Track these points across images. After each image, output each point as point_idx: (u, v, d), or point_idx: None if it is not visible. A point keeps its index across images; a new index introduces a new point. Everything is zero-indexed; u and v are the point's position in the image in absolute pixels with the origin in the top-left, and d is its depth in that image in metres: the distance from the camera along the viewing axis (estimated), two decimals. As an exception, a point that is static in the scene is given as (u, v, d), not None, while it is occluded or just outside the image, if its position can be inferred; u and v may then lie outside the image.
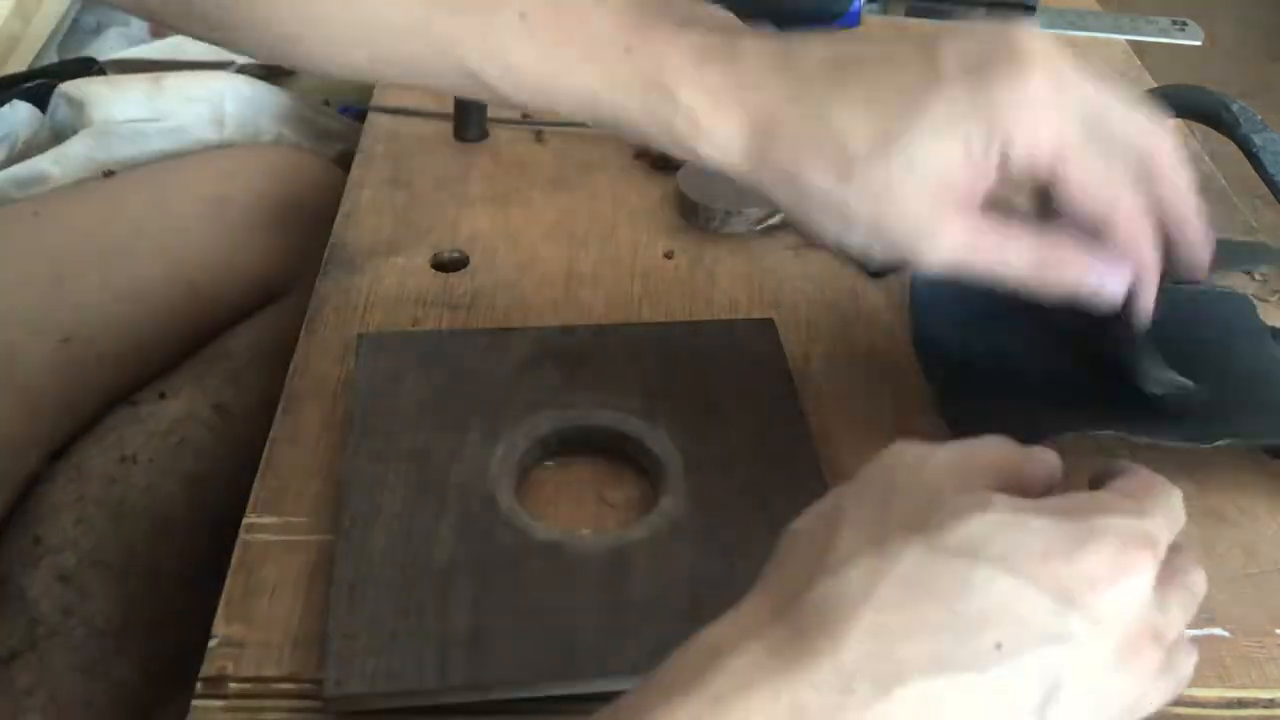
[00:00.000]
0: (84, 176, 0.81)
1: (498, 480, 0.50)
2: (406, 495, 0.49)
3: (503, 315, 0.61)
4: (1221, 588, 0.49)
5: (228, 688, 0.43)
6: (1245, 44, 2.37)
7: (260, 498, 0.51)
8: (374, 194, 0.70)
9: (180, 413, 0.69)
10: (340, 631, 0.44)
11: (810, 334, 0.61)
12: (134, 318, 0.73)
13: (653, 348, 0.57)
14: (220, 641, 0.45)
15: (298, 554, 0.48)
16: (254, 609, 0.46)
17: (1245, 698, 0.45)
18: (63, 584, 0.60)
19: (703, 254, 0.66)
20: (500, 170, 0.73)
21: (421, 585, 0.45)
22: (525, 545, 0.47)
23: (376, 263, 0.65)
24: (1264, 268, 0.56)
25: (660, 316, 0.62)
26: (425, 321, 0.61)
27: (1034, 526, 0.33)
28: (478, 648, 0.43)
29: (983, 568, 0.32)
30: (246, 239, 0.79)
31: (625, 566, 0.46)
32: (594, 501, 0.51)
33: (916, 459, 0.36)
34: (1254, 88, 2.18)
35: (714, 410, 0.53)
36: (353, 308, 0.61)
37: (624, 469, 0.53)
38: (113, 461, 0.65)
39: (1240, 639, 0.47)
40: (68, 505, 0.63)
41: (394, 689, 0.42)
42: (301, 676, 0.44)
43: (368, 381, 0.54)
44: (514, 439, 0.52)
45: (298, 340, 0.59)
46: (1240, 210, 0.73)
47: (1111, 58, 0.88)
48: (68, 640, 0.59)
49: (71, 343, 0.70)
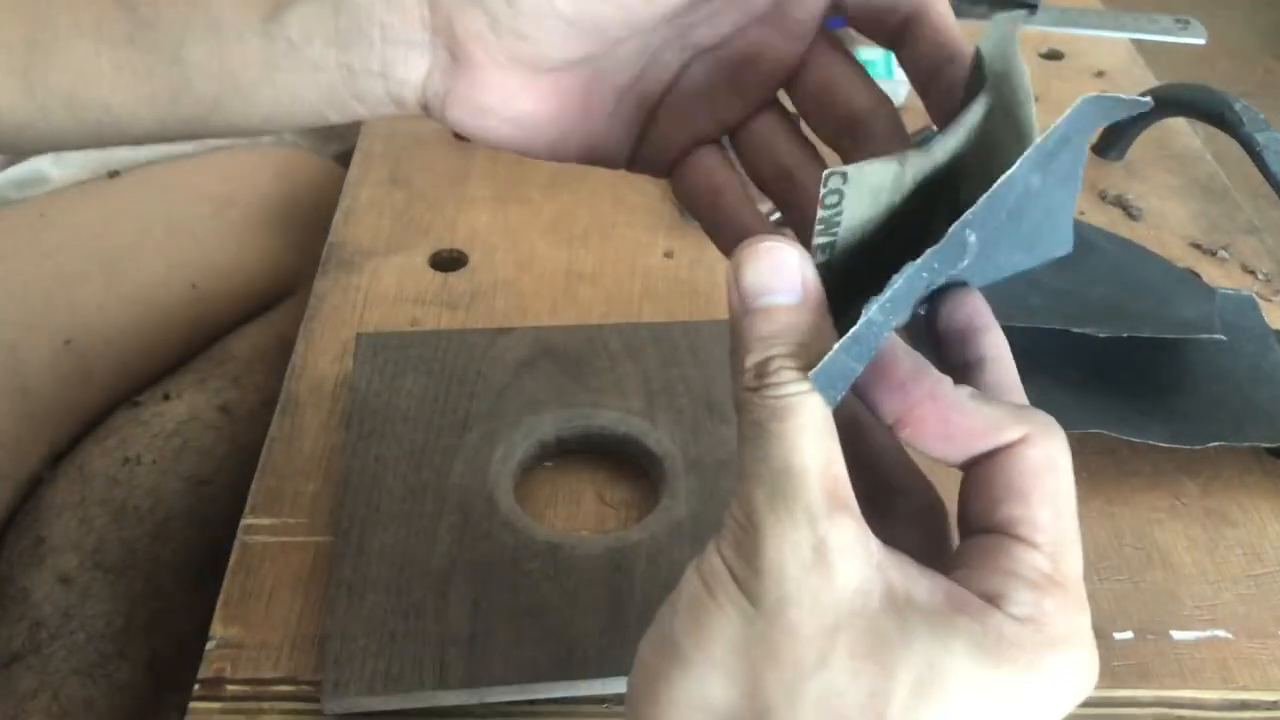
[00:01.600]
0: (83, 177, 0.81)
1: (497, 481, 0.50)
2: (405, 496, 0.49)
3: (502, 314, 0.61)
4: (1224, 589, 0.49)
5: (225, 689, 0.43)
6: (1248, 42, 2.37)
7: (258, 499, 0.51)
8: (373, 193, 0.70)
9: (183, 414, 0.68)
10: (338, 633, 0.43)
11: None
12: (137, 319, 0.73)
13: (653, 348, 0.56)
14: (218, 643, 0.45)
15: (296, 555, 0.48)
16: (252, 610, 0.46)
17: (1249, 699, 0.45)
18: (64, 586, 0.60)
19: (703, 254, 0.66)
20: (499, 169, 0.73)
21: (420, 586, 0.45)
22: (525, 546, 0.47)
23: (375, 262, 0.65)
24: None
25: (660, 316, 0.62)
26: (424, 321, 0.61)
27: (1002, 695, 0.28)
28: (477, 649, 0.43)
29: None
30: (250, 240, 0.79)
31: (625, 567, 0.46)
32: (594, 502, 0.51)
33: (819, 567, 0.28)
34: (1257, 86, 2.18)
35: (714, 410, 0.53)
36: (351, 307, 0.61)
37: (624, 469, 0.52)
38: (115, 463, 0.65)
39: (1243, 641, 0.47)
40: (70, 506, 0.63)
41: (392, 691, 0.42)
42: (299, 678, 0.44)
43: (366, 381, 0.54)
44: (514, 439, 0.51)
45: (298, 341, 0.59)
46: (1243, 208, 0.73)
47: (1114, 57, 0.88)
48: (69, 643, 0.59)
49: (75, 344, 0.70)
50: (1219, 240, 0.70)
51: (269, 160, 0.85)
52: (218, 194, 0.80)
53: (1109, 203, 0.73)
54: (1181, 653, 0.46)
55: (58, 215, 0.76)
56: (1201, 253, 0.69)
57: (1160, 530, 0.51)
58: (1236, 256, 0.69)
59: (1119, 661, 0.46)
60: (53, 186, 0.81)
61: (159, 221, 0.78)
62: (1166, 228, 0.71)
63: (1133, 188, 0.74)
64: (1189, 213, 0.72)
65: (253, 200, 0.80)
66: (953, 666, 0.28)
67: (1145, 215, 0.72)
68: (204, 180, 0.82)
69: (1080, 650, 0.29)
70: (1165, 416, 0.53)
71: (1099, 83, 0.85)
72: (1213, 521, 0.52)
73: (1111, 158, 0.77)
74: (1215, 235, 0.70)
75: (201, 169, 0.83)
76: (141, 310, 0.73)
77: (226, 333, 0.76)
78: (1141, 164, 0.77)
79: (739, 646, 0.28)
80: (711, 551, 0.29)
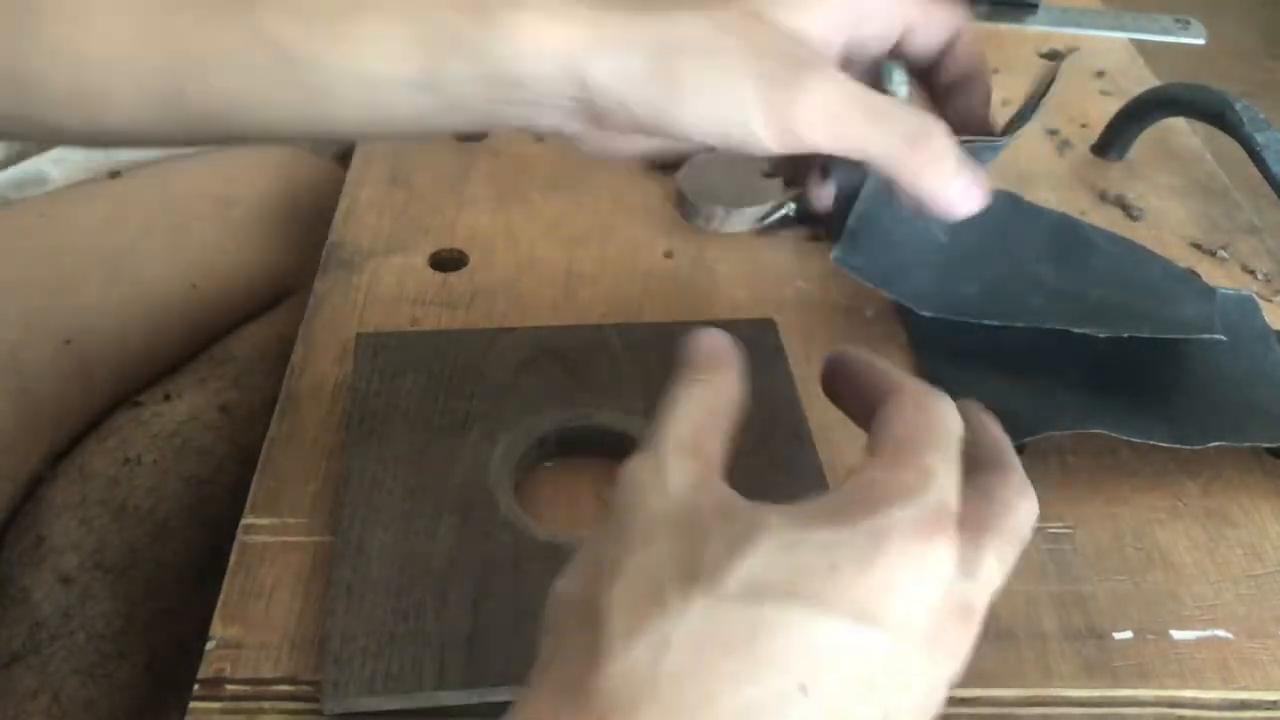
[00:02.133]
0: (83, 178, 0.81)
1: (497, 481, 0.50)
2: (405, 496, 0.49)
3: (502, 315, 0.61)
4: (1225, 589, 0.49)
5: (225, 689, 0.43)
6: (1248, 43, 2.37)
7: (258, 498, 0.51)
8: (373, 193, 0.70)
9: (184, 414, 0.68)
10: (338, 633, 0.43)
11: (810, 334, 0.61)
12: (138, 319, 0.73)
13: (653, 348, 0.56)
14: (218, 643, 0.45)
15: (295, 555, 0.48)
16: (251, 610, 0.46)
17: (1248, 699, 0.45)
18: (64, 586, 0.60)
19: (703, 254, 0.66)
20: (500, 169, 0.73)
21: (420, 586, 0.45)
22: (524, 546, 0.47)
23: (375, 262, 0.65)
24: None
25: (660, 316, 0.62)
26: (424, 321, 0.61)
27: (815, 542, 0.30)
28: (477, 649, 0.43)
29: (769, 606, 0.30)
30: (251, 240, 0.79)
31: (624, 567, 0.46)
32: (594, 502, 0.51)
33: (656, 480, 0.33)
34: (1257, 86, 2.18)
35: (714, 410, 0.53)
36: (351, 307, 0.61)
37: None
38: (116, 463, 0.65)
39: (1243, 640, 0.47)
40: (70, 506, 0.63)
41: (392, 690, 0.42)
42: (299, 678, 0.44)
43: (366, 382, 0.54)
44: (513, 439, 0.51)
45: (298, 341, 0.59)
46: (1243, 208, 0.73)
47: (1114, 57, 0.88)
48: (69, 643, 0.59)
49: (75, 344, 0.70)
50: (1219, 240, 0.70)
51: (269, 160, 0.85)
52: (218, 194, 0.80)
53: (1109, 203, 0.73)
54: (1182, 653, 0.46)
55: (58, 215, 0.76)
56: (1201, 253, 0.69)
57: (1161, 530, 0.51)
58: (1236, 256, 0.69)
59: (1119, 661, 0.46)
60: (53, 186, 0.81)
61: (159, 221, 0.78)
62: (1166, 228, 0.71)
63: (1133, 188, 0.74)
64: (1189, 213, 0.72)
65: (253, 200, 0.80)
66: (763, 527, 0.31)
67: (1145, 215, 0.72)
68: (204, 180, 0.82)
69: (911, 508, 0.31)
70: (1165, 416, 0.53)
71: (1099, 83, 0.85)
72: (1213, 522, 0.52)
73: (1111, 158, 0.77)
74: (1215, 235, 0.70)
75: (201, 169, 0.83)
76: (142, 310, 0.73)
77: (227, 333, 0.76)
78: (1141, 164, 0.77)
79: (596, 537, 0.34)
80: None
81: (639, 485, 0.33)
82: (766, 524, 0.31)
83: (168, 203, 0.79)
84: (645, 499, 0.33)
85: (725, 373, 0.37)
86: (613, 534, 0.33)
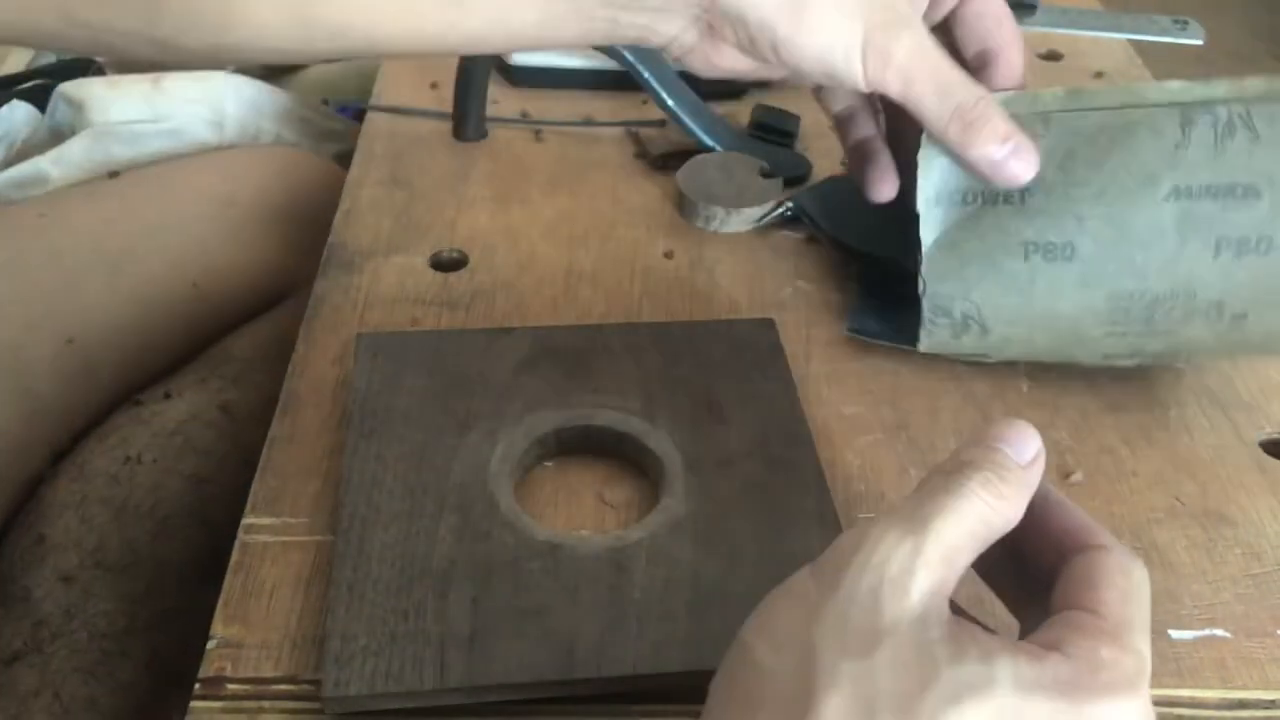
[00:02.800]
0: (83, 178, 0.81)
1: (497, 480, 0.50)
2: (405, 496, 0.49)
3: (502, 315, 0.61)
4: (1223, 588, 0.49)
5: (226, 688, 0.43)
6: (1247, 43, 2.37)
7: (259, 498, 0.51)
8: (373, 193, 0.70)
9: (184, 413, 0.69)
10: (339, 632, 0.44)
11: (810, 334, 0.61)
12: (139, 318, 0.73)
13: (653, 348, 0.57)
14: (218, 642, 0.45)
15: (296, 554, 0.48)
16: (252, 610, 0.46)
17: (1247, 699, 0.45)
18: (66, 585, 0.60)
19: (703, 254, 0.66)
20: (499, 169, 0.73)
21: (420, 586, 0.45)
22: (525, 545, 0.47)
23: (375, 262, 0.65)
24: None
25: (660, 316, 0.62)
26: (424, 321, 0.61)
27: (1038, 712, 0.30)
28: (477, 649, 0.43)
29: None
30: (251, 240, 0.79)
31: (625, 567, 0.46)
32: (594, 501, 0.51)
33: (902, 574, 0.32)
34: (1258, 85, 2.18)
35: (714, 410, 0.53)
36: (351, 307, 0.61)
37: (624, 469, 0.53)
38: (116, 461, 0.65)
39: (1242, 640, 0.47)
40: (71, 505, 0.63)
41: (392, 690, 0.42)
42: (300, 677, 0.44)
43: (366, 381, 0.54)
44: (513, 439, 0.52)
45: (299, 340, 0.59)
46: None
47: (1113, 57, 0.88)
48: (71, 642, 0.59)
49: (76, 343, 0.70)
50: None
51: (269, 160, 0.85)
52: (218, 194, 0.80)
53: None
54: (1180, 652, 0.46)
55: (58, 215, 0.76)
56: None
57: (1159, 529, 0.51)
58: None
59: (1117, 661, 0.46)
60: (53, 186, 0.81)
61: (160, 221, 0.78)
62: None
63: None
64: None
65: (253, 200, 0.80)
66: (992, 685, 0.30)
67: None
68: (204, 180, 0.82)
69: (1132, 700, 0.31)
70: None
71: (1098, 83, 0.85)
72: (1211, 521, 0.52)
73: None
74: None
75: (202, 169, 0.83)
76: (142, 310, 0.73)
77: (227, 332, 0.76)
78: (1141, 164, 0.77)
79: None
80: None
81: (881, 563, 0.32)
82: (995, 680, 0.30)
83: (167, 203, 0.79)
84: (881, 587, 0.31)
85: (1021, 500, 0.35)
86: (833, 622, 0.31)
